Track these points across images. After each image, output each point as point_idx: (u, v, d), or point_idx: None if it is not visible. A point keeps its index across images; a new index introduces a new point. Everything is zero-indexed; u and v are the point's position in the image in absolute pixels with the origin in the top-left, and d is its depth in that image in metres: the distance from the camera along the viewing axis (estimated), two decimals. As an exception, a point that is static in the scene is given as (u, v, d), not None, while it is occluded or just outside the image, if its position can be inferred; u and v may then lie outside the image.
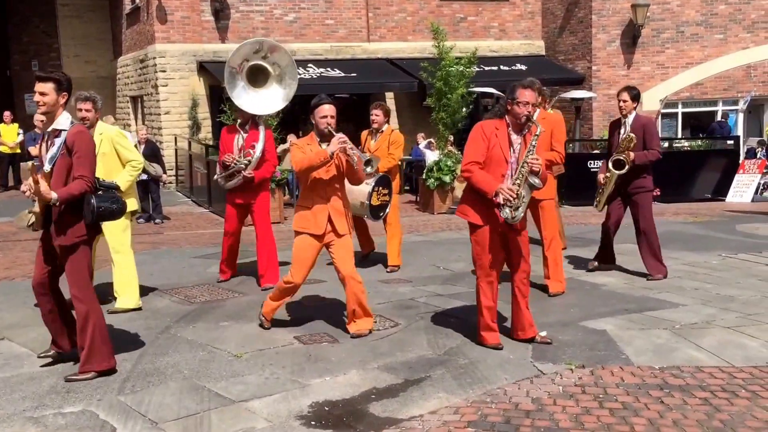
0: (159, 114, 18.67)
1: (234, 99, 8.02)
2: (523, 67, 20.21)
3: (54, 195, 4.88)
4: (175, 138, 18.52)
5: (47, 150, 5.10)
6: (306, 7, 19.51)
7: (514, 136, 5.60)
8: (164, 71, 18.48)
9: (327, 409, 4.67)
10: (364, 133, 8.84)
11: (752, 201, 15.12)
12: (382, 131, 8.55)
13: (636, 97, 7.77)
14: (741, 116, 19.76)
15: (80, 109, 6.59)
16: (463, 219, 5.79)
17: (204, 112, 18.73)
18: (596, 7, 19.47)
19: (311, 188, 5.95)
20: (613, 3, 19.45)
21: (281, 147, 16.28)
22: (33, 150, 12.75)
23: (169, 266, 9.10)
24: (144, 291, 7.51)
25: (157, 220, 13.31)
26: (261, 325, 6.33)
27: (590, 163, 14.82)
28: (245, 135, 7.89)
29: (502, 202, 5.46)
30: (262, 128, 7.95)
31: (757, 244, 9.76)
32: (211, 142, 17.72)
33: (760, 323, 6.21)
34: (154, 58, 18.53)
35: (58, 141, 5.06)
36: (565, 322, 6.37)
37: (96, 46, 23.63)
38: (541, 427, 4.32)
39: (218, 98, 16.93)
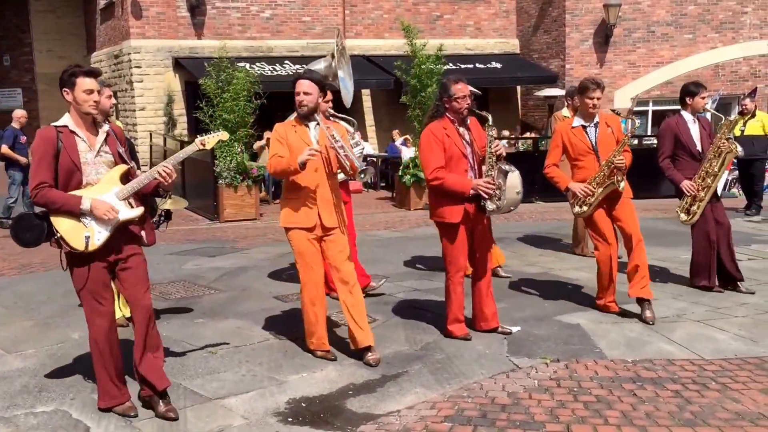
0: (134, 110, 18.53)
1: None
2: (498, 65, 20.33)
3: None
4: (150, 134, 18.40)
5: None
6: (282, 4, 19.46)
7: (462, 130, 5.72)
8: (139, 67, 18.34)
9: (304, 405, 4.68)
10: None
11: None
12: None
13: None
14: (709, 115, 20.06)
15: (110, 96, 5.87)
16: (439, 222, 5.83)
17: (179, 109, 18.62)
18: (569, 7, 19.63)
19: (297, 178, 5.42)
20: (585, 3, 19.61)
21: (258, 143, 16.25)
22: (4, 149, 12.49)
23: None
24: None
25: None
26: (324, 358, 5.53)
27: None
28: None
29: (485, 197, 5.56)
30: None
31: (727, 240, 9.90)
32: (186, 139, 17.62)
33: (728, 316, 6.32)
34: (129, 53, 18.38)
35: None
36: (539, 316, 6.44)
37: (69, 41, 23.37)
38: (517, 421, 4.36)
39: (194, 94, 16.83)
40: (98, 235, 4.38)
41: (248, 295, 7.44)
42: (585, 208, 6.39)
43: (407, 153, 15.97)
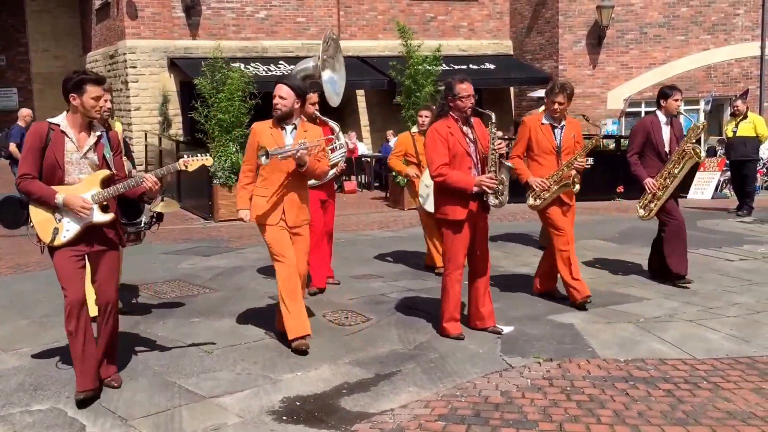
0: (129, 110, 18.53)
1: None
2: (492, 66, 20.38)
3: None
4: (146, 134, 18.40)
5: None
6: (277, 5, 19.47)
7: (465, 129, 5.81)
8: (134, 67, 18.34)
9: (299, 404, 4.70)
10: (407, 135, 8.60)
11: (712, 198, 15.43)
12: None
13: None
14: (703, 116, 20.13)
15: (106, 100, 6.04)
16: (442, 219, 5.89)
17: (174, 109, 18.62)
18: (563, 8, 19.69)
19: (269, 175, 5.71)
20: (578, 4, 19.68)
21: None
22: (12, 147, 12.75)
23: (139, 262, 9.06)
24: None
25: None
26: (303, 351, 5.64)
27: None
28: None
29: (488, 193, 5.67)
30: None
31: (717, 240, 9.97)
32: (181, 138, 17.65)
33: (720, 316, 6.37)
34: (125, 54, 18.38)
35: None
36: (532, 316, 6.48)
37: (65, 41, 23.34)
38: (510, 420, 4.40)
39: (189, 94, 16.82)
40: (66, 233, 4.70)
41: (243, 295, 7.46)
42: (538, 201, 6.75)
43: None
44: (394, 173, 14.67)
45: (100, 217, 4.76)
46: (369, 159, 19.15)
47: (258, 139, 5.69)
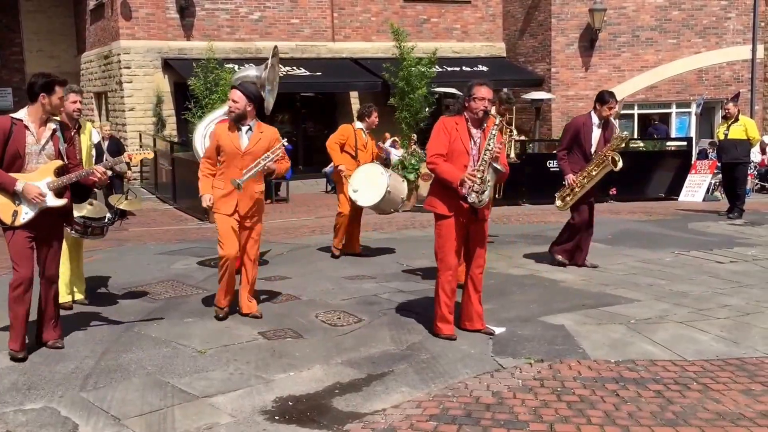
0: (123, 110, 18.53)
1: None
2: (485, 68, 20.44)
3: None
4: (140, 134, 18.39)
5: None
6: (271, 6, 19.50)
7: (474, 130, 5.85)
8: (129, 68, 18.34)
9: (291, 404, 4.71)
10: (349, 127, 9.16)
11: (703, 200, 15.52)
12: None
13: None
14: (694, 119, 20.24)
15: (75, 101, 6.65)
16: (430, 211, 5.98)
17: (169, 109, 18.62)
18: (555, 11, 19.77)
19: (225, 169, 6.31)
20: (571, 7, 19.76)
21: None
22: None
23: (134, 263, 9.07)
24: (108, 288, 7.52)
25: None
26: (217, 317, 6.50)
27: (549, 163, 15.07)
28: None
29: (467, 188, 5.68)
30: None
31: (708, 242, 10.02)
32: (175, 139, 17.64)
33: (710, 318, 6.40)
34: (119, 54, 18.38)
35: None
36: (524, 317, 6.50)
37: (59, 41, 23.35)
38: (501, 420, 4.41)
39: (183, 95, 16.85)
40: (24, 215, 5.35)
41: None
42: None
43: (396, 155, 16.02)
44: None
45: (54, 201, 5.41)
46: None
47: (218, 141, 6.31)
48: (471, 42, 21.51)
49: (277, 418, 4.50)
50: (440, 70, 18.24)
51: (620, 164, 7.95)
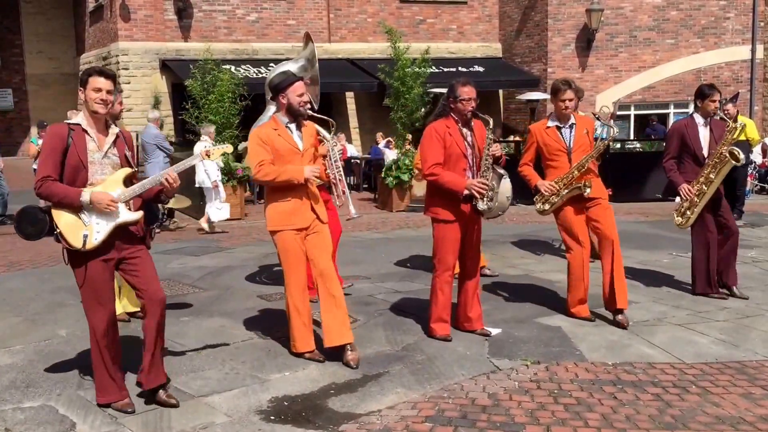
0: (121, 110, 18.55)
1: None
2: (481, 69, 20.44)
3: None
4: (137, 135, 18.40)
5: None
6: (268, 8, 19.52)
7: (465, 131, 5.77)
8: (127, 69, 18.39)
9: (286, 404, 4.70)
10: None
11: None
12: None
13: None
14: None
15: (120, 102, 6.19)
16: (429, 218, 5.90)
17: (166, 110, 18.65)
18: (552, 12, 19.76)
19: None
20: (568, 8, 19.75)
21: (242, 144, 16.24)
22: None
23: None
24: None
25: None
26: (312, 359, 5.49)
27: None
28: None
29: (477, 196, 5.62)
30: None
31: (707, 245, 9.98)
32: (173, 139, 17.67)
33: (709, 320, 6.38)
34: (117, 55, 18.44)
35: None
36: (520, 318, 6.48)
37: (59, 42, 23.41)
38: (497, 422, 4.39)
39: (180, 96, 16.83)
40: (96, 235, 4.44)
41: (232, 294, 7.45)
42: (546, 206, 6.45)
43: (390, 155, 16.03)
44: (383, 174, 14.72)
45: (128, 216, 4.54)
46: (358, 161, 19.16)
47: (271, 146, 5.38)
48: (467, 42, 21.50)
49: (272, 417, 4.48)
50: (436, 70, 18.21)
51: (742, 157, 7.06)
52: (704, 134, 7.09)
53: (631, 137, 20.28)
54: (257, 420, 4.45)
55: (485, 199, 5.67)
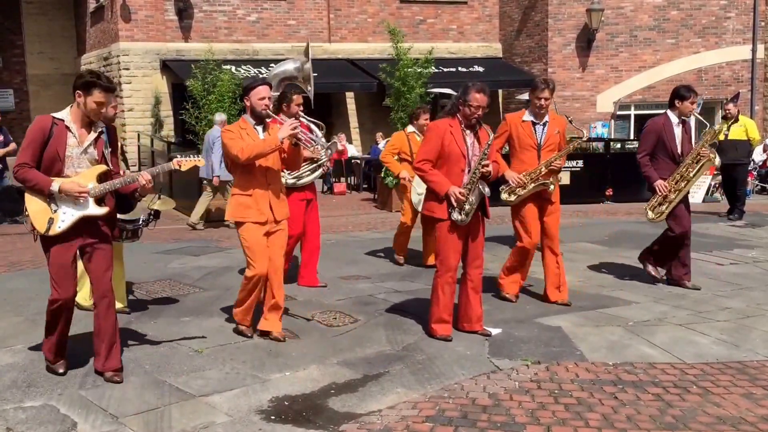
0: (122, 111, 18.56)
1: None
2: (481, 69, 20.43)
3: None
4: (138, 135, 18.47)
5: None
6: (268, 8, 19.53)
7: (468, 132, 5.78)
8: (128, 69, 18.43)
9: (287, 403, 4.70)
10: (402, 134, 8.87)
11: (703, 201, 15.49)
12: None
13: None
14: (694, 120, 20.27)
15: (114, 107, 6.44)
16: (429, 216, 5.90)
17: (166, 110, 18.68)
18: (552, 11, 19.74)
19: (250, 174, 5.75)
20: (568, 7, 19.73)
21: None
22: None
23: (130, 262, 9.01)
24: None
25: None
26: (241, 333, 6.00)
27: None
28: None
29: (454, 205, 5.64)
30: None
31: (708, 244, 9.99)
32: (173, 139, 17.71)
33: (710, 320, 6.38)
34: (118, 56, 18.48)
35: None
36: (520, 318, 6.48)
37: (60, 43, 23.45)
38: (498, 422, 4.39)
39: (181, 96, 16.86)
40: (61, 223, 4.79)
41: (232, 295, 7.39)
42: (513, 197, 6.72)
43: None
44: (383, 174, 14.71)
45: (95, 209, 4.86)
46: (358, 161, 19.17)
47: (242, 137, 5.86)
48: (467, 42, 21.49)
49: (273, 417, 4.49)
50: (436, 70, 18.19)
51: (717, 159, 7.52)
52: (678, 133, 7.45)
53: (631, 137, 20.26)
54: (258, 420, 4.45)
55: (462, 212, 5.67)
